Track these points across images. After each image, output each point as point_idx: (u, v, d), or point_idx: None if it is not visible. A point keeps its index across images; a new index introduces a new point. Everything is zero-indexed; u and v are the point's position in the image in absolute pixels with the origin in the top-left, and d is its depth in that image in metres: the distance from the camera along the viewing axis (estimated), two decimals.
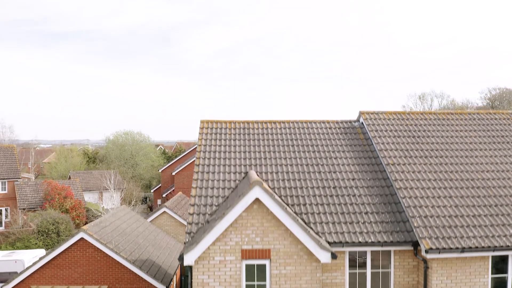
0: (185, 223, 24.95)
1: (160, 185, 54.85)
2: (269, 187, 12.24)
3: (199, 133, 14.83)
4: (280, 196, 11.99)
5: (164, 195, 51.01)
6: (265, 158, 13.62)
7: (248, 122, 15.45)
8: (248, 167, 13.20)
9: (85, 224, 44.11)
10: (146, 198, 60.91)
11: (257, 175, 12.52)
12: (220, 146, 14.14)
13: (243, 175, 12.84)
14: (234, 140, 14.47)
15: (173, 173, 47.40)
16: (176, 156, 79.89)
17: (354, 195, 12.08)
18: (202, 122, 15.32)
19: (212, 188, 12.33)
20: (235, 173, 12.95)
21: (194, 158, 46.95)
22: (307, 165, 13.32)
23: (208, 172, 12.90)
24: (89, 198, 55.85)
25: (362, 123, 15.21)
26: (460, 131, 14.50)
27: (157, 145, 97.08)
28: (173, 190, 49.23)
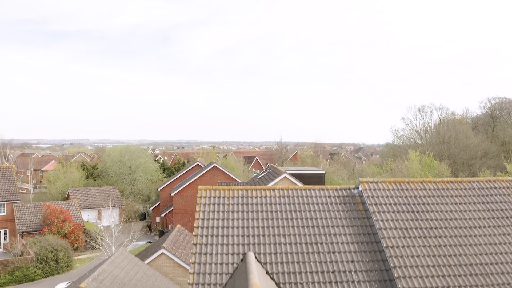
0: (184, 264, 24.90)
1: (159, 202, 54.76)
2: (268, 272, 12.19)
3: (197, 203, 14.77)
4: (278, 284, 11.95)
5: (163, 215, 50.93)
6: (263, 235, 13.55)
7: (246, 189, 15.39)
8: (247, 246, 13.14)
9: (84, 241, 44.04)
10: (144, 214, 60.85)
11: (256, 257, 12.49)
12: (218, 220, 14.07)
13: (241, 256, 12.78)
14: (232, 212, 14.41)
15: (172, 194, 47.31)
16: (175, 169, 79.93)
17: (352, 281, 12.04)
18: (200, 189, 15.25)
19: (210, 274, 12.28)
20: (233, 254, 12.88)
21: (194, 179, 46.63)
22: (306, 243, 13.26)
23: (206, 254, 12.84)
24: (88, 216, 55.82)
25: (361, 191, 15.15)
26: (460, 203, 14.45)
27: (155, 155, 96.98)
28: (172, 210, 49.16)
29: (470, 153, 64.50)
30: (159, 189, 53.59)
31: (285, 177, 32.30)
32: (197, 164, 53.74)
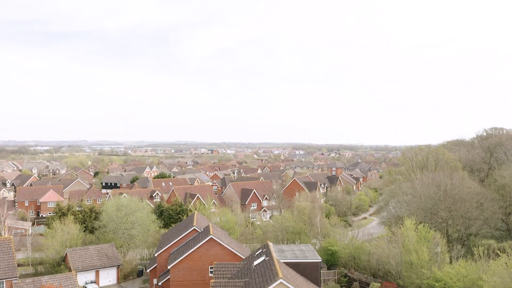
0: None
1: (155, 265, 54.99)
2: None
3: None
4: None
5: (160, 283, 51.19)
6: None
7: None
8: None
9: None
10: (142, 270, 61.15)
11: None
12: None
13: None
14: None
15: (169, 267, 47.56)
16: (172, 211, 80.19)
17: None
18: None
19: None
20: None
21: (190, 251, 46.97)
22: None
23: None
24: (86, 277, 56.20)
25: None
26: None
27: (152, 191, 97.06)
28: (169, 278, 49.42)
29: (466, 205, 64.95)
30: (156, 254, 53.80)
31: (281, 283, 32.60)
32: (194, 229, 53.98)
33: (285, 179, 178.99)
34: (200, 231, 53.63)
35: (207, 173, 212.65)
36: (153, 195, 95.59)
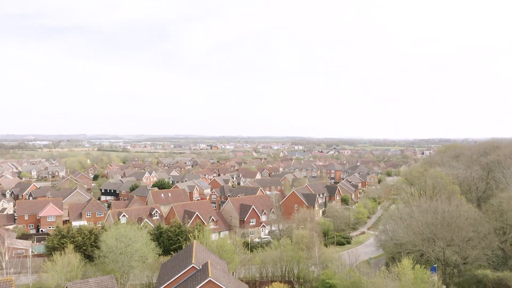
0: None
1: None
2: None
3: None
4: None
5: None
6: None
7: None
8: None
9: None
10: None
11: None
12: None
13: None
14: None
15: None
16: (172, 232, 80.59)
17: None
18: None
19: None
20: None
21: None
22: None
23: None
24: None
25: None
26: None
27: (151, 209, 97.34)
28: None
29: (463, 233, 65.40)
30: None
31: None
32: (192, 266, 54.40)
33: (284, 184, 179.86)
34: (198, 268, 54.00)
35: (206, 176, 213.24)
36: (152, 213, 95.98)
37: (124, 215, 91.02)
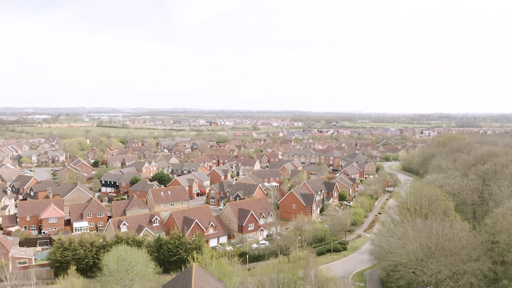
0: None
1: None
2: None
3: None
4: None
5: None
6: None
7: None
8: None
9: None
10: None
11: None
12: None
13: None
14: None
15: None
16: (171, 244, 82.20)
17: None
18: None
19: None
20: None
21: None
22: None
23: None
24: None
25: None
26: None
27: (152, 215, 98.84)
28: None
29: (456, 258, 66.95)
30: None
31: None
32: None
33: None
34: None
35: (206, 164, 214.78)
36: (153, 220, 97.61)
37: (124, 224, 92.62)
